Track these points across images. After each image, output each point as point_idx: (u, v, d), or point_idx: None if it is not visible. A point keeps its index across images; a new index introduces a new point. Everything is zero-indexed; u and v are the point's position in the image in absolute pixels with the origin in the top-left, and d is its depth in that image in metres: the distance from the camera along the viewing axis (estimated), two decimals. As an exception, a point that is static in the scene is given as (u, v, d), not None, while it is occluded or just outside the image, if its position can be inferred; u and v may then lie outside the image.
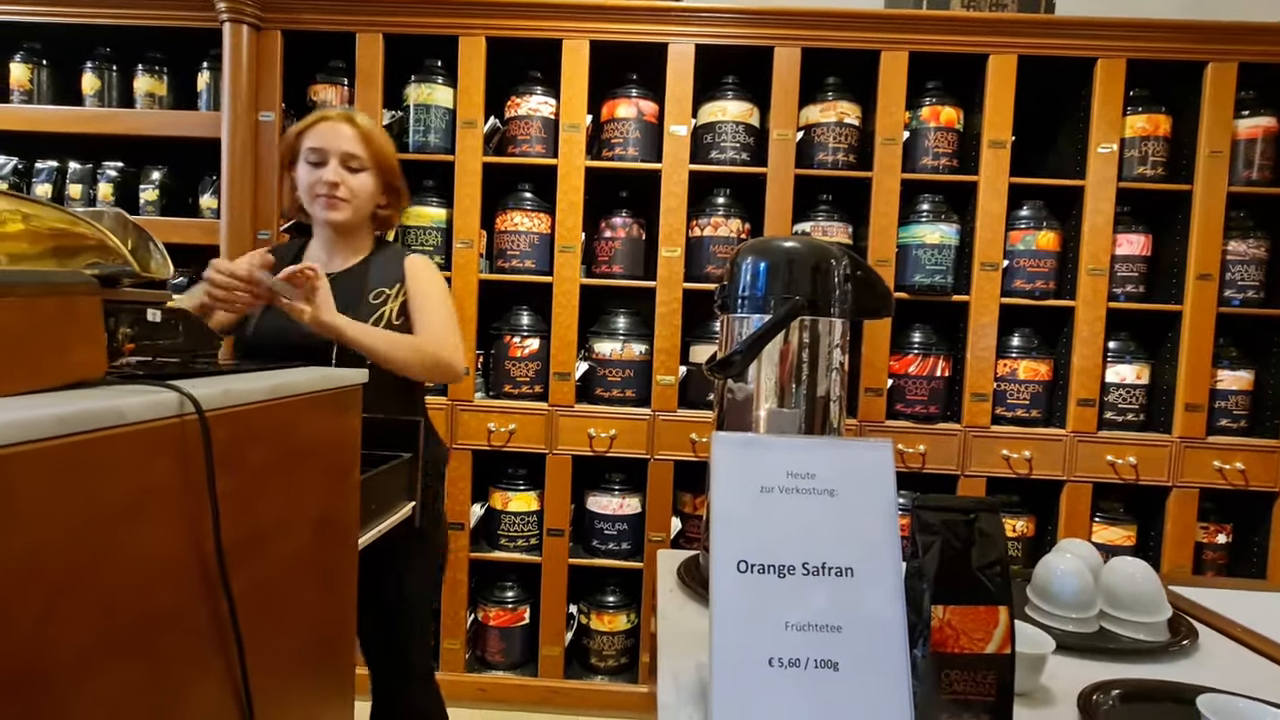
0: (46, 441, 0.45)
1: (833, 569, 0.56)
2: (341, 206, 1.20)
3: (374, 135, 1.22)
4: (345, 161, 1.19)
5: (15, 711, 0.43)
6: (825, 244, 0.79)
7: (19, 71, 1.97)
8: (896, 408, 1.97)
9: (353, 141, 1.20)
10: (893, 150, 1.91)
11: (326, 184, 1.18)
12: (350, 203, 1.20)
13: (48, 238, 0.64)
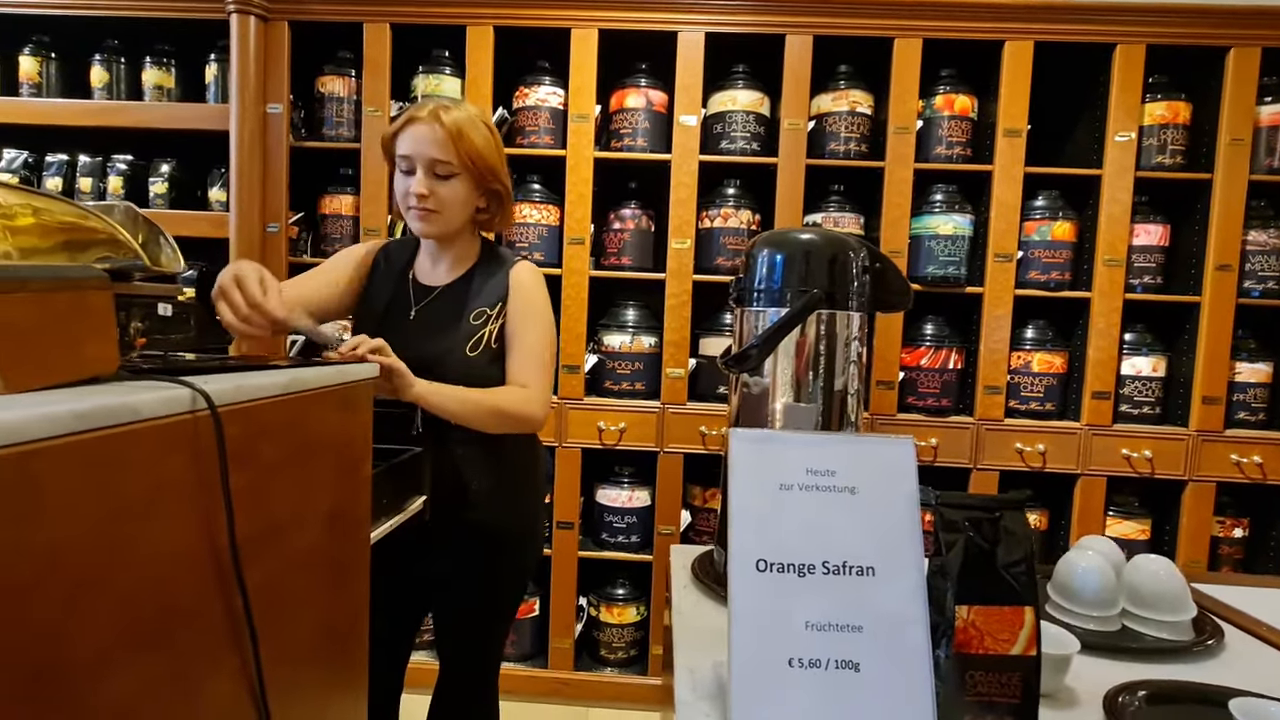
0: (65, 438, 0.44)
1: (853, 568, 0.55)
2: (432, 219, 1.10)
3: (464, 133, 1.07)
4: (433, 169, 1.08)
5: (37, 706, 0.43)
6: (843, 236, 0.77)
7: (28, 65, 1.96)
8: (908, 401, 1.95)
9: (440, 146, 1.07)
10: (906, 139, 1.88)
11: (415, 196, 1.08)
12: (440, 214, 1.10)
13: (58, 232, 0.63)
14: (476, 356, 1.12)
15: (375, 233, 1.94)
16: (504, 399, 1.10)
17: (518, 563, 1.24)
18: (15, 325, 0.48)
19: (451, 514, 1.14)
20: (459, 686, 1.24)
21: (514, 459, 1.18)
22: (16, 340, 0.48)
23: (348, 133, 1.97)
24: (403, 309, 1.16)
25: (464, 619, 1.23)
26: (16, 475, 0.41)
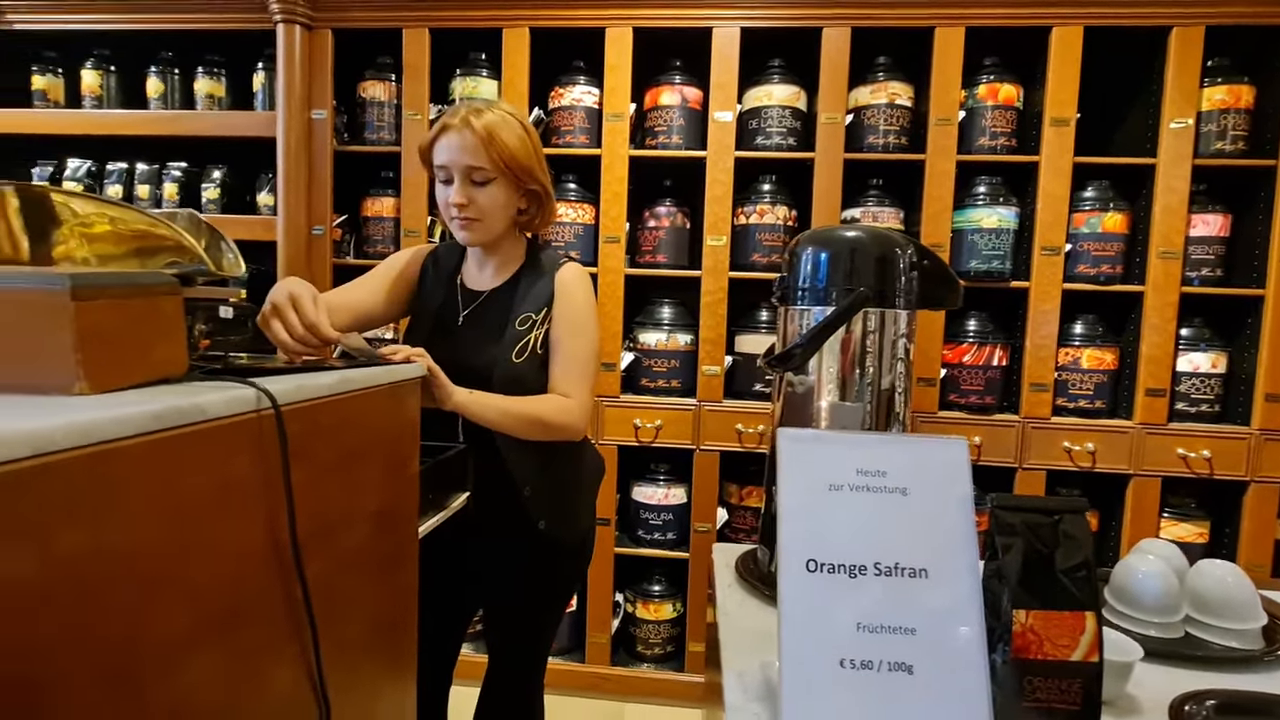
0: (140, 437, 0.47)
1: (905, 569, 0.54)
2: (473, 227, 1.10)
3: (496, 136, 1.06)
4: (469, 176, 1.07)
5: (116, 694, 0.46)
6: (889, 232, 0.76)
7: (90, 78, 2.06)
8: (950, 398, 1.91)
9: (474, 152, 1.05)
10: (947, 131, 1.84)
11: (454, 206, 1.08)
12: (481, 221, 1.09)
13: (130, 239, 0.66)
14: (522, 363, 1.12)
15: (415, 234, 1.98)
16: (544, 409, 1.10)
17: (568, 564, 1.25)
18: (97, 330, 0.51)
19: (501, 512, 1.15)
20: (506, 681, 1.27)
21: (564, 458, 1.19)
22: (99, 344, 0.51)
23: (388, 136, 2.02)
24: (451, 314, 1.17)
25: (512, 617, 1.25)
26: (99, 472, 0.44)
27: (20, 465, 0.38)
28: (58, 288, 0.48)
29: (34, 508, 0.39)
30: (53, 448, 0.40)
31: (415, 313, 1.23)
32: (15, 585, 0.38)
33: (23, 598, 0.39)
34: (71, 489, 0.42)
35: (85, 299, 0.49)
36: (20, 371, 0.50)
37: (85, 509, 0.43)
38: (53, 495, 0.40)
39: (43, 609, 0.40)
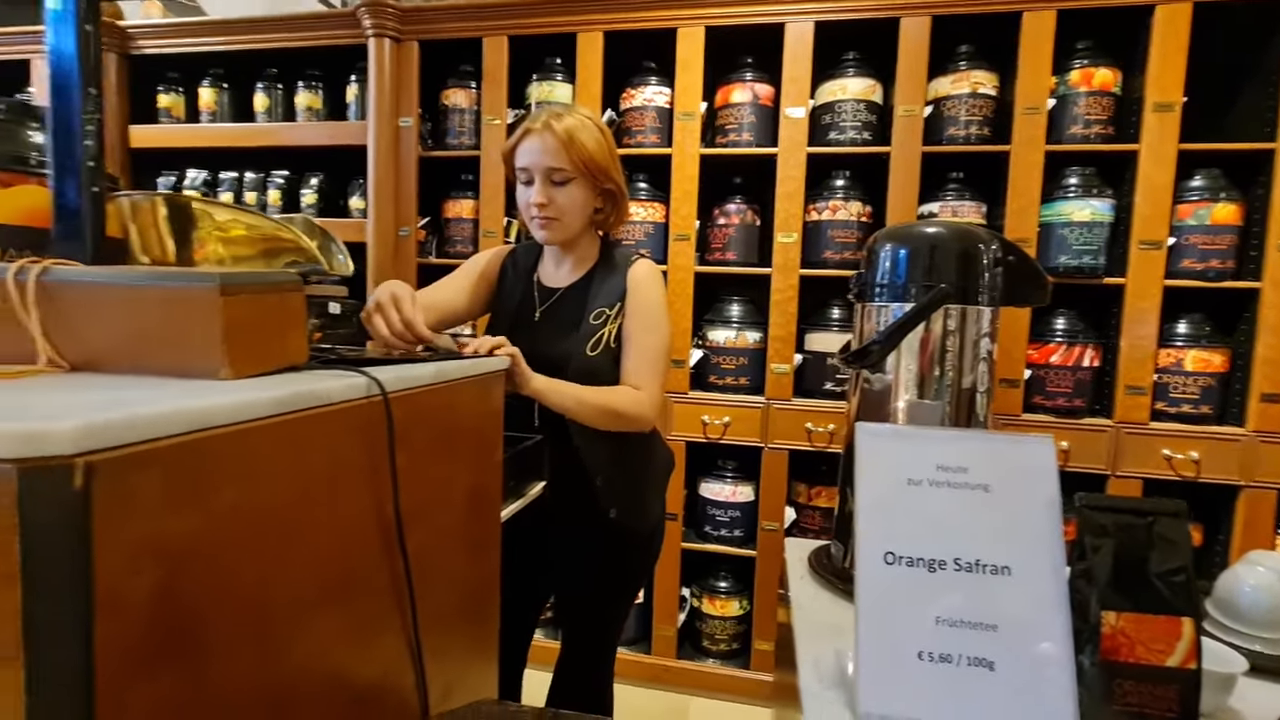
0: (275, 418, 0.53)
1: (987, 566, 0.54)
2: (553, 226, 1.15)
3: (575, 139, 1.11)
4: (550, 177, 1.12)
5: (256, 643, 0.52)
6: (972, 228, 0.74)
7: (207, 96, 2.26)
8: (1035, 400, 1.82)
9: (554, 154, 1.11)
10: (1035, 120, 1.76)
11: (535, 206, 1.13)
12: (560, 220, 1.14)
13: (259, 242, 0.74)
14: (597, 356, 1.16)
15: (493, 235, 2.07)
16: (617, 400, 1.13)
17: (638, 555, 1.28)
18: (239, 323, 0.57)
19: (574, 501, 1.20)
20: (577, 667, 1.31)
21: (635, 450, 1.22)
22: (240, 335, 0.57)
23: (468, 141, 2.11)
24: (529, 311, 1.23)
25: (582, 605, 1.29)
26: (244, 446, 0.50)
27: (187, 437, 0.44)
28: (209, 286, 0.55)
29: (197, 474, 0.45)
30: (211, 423, 0.46)
31: (494, 310, 1.29)
32: (182, 540, 0.44)
33: (187, 552, 0.45)
34: (224, 459, 0.48)
35: (231, 295, 0.56)
36: (175, 358, 0.57)
37: (233, 477, 0.49)
38: (210, 464, 0.47)
39: (202, 562, 0.46)
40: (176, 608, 0.44)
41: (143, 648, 0.42)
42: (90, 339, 0.58)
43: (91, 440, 0.38)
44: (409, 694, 0.76)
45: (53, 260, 0.60)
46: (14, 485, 0.36)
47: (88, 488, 0.38)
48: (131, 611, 0.41)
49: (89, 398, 0.46)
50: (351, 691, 0.65)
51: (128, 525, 0.40)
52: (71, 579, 0.38)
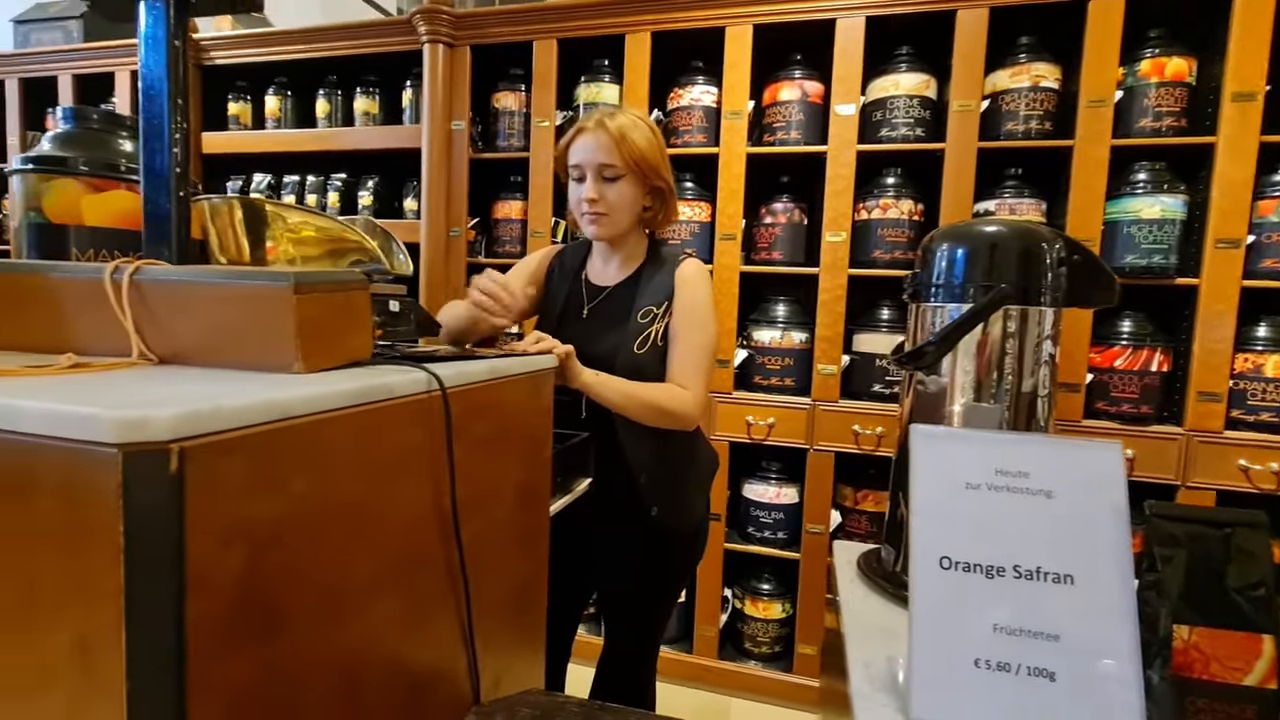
0: (346, 409, 0.55)
1: (1049, 574, 0.53)
2: (602, 222, 1.17)
3: (627, 136, 1.13)
4: (601, 173, 1.15)
5: (328, 620, 0.55)
6: (1035, 226, 0.72)
7: (272, 103, 2.37)
8: (1097, 406, 1.74)
9: (606, 150, 1.14)
10: (1100, 114, 1.68)
11: (586, 201, 1.16)
12: (610, 216, 1.17)
13: (327, 242, 0.78)
14: (643, 354, 1.17)
15: (540, 235, 2.10)
16: (663, 397, 1.14)
17: (680, 554, 1.29)
18: (310, 319, 0.60)
19: (617, 498, 1.21)
20: (619, 663, 1.33)
21: (678, 449, 1.23)
22: (312, 331, 0.61)
23: (518, 143, 2.15)
24: (576, 309, 1.25)
25: (625, 601, 1.31)
26: (318, 436, 0.53)
27: (268, 427, 0.47)
28: (284, 285, 0.58)
29: (276, 461, 0.48)
30: (289, 414, 0.49)
31: (542, 309, 1.31)
32: (262, 524, 0.47)
33: (267, 535, 0.48)
34: (300, 448, 0.51)
35: (303, 294, 0.59)
36: (251, 352, 0.60)
37: (308, 465, 0.52)
38: (288, 452, 0.49)
39: (280, 545, 0.49)
40: (257, 588, 0.47)
41: (228, 626, 0.44)
42: (176, 333, 0.62)
43: (186, 427, 0.41)
44: (461, 681, 0.79)
45: (144, 260, 0.64)
46: (119, 469, 0.39)
47: (181, 472, 0.41)
48: (218, 591, 0.44)
49: (180, 389, 0.49)
50: (409, 676, 0.68)
51: (216, 508, 0.43)
52: (167, 559, 0.41)
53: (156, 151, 0.66)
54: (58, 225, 0.85)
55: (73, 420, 0.40)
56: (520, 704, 0.80)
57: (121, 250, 0.87)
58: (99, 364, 0.58)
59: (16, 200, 0.87)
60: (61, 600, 0.41)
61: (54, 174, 0.85)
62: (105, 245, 0.87)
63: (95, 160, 0.86)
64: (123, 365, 0.59)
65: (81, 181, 0.85)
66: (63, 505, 0.41)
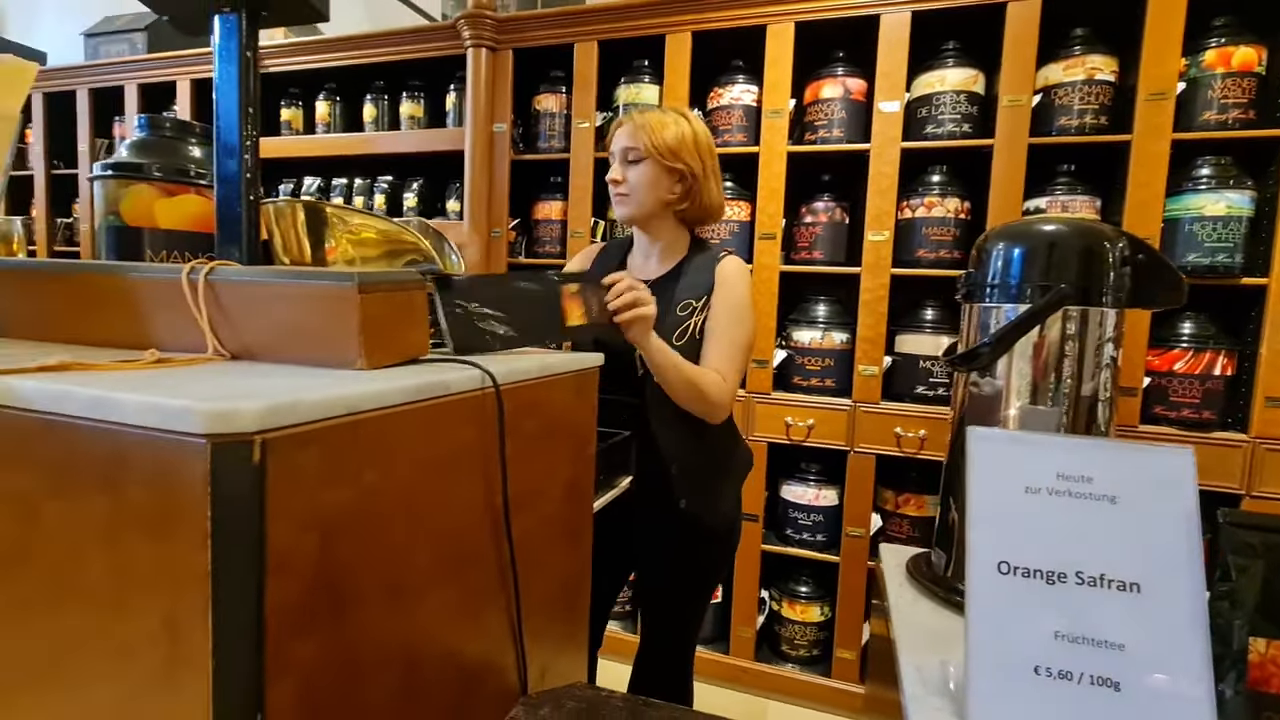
0: (408, 405, 0.57)
1: (1114, 582, 0.51)
2: (624, 201, 1.23)
3: (649, 124, 1.20)
4: (625, 156, 1.22)
5: (391, 608, 0.57)
6: (1096, 224, 0.70)
7: (322, 109, 2.44)
8: (1155, 411, 1.68)
9: (628, 135, 1.21)
10: (1161, 107, 1.62)
11: (611, 182, 1.23)
12: (631, 196, 1.22)
13: (384, 243, 0.80)
14: (680, 346, 1.18)
15: (580, 235, 2.12)
16: (705, 380, 1.16)
17: (711, 549, 1.29)
18: (373, 318, 0.63)
19: (650, 490, 1.23)
20: (656, 659, 1.34)
21: (712, 441, 1.24)
22: (373, 329, 0.63)
23: (558, 144, 2.18)
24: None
25: (659, 597, 1.32)
26: (383, 430, 0.55)
27: (340, 420, 0.49)
28: (348, 285, 0.60)
29: (347, 453, 0.50)
30: (359, 409, 0.51)
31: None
32: (334, 513, 0.49)
33: (338, 524, 0.50)
34: (367, 441, 0.53)
35: (367, 293, 0.61)
36: (317, 349, 0.63)
37: (375, 458, 0.54)
38: (357, 445, 0.51)
39: (349, 534, 0.51)
40: (328, 574, 0.49)
41: (302, 609, 0.47)
42: (245, 331, 0.65)
43: (268, 420, 0.43)
44: (509, 672, 0.80)
45: (218, 261, 0.68)
46: (207, 459, 0.41)
47: (263, 462, 0.43)
48: (294, 575, 0.46)
49: (257, 384, 0.51)
50: (461, 665, 0.70)
51: (293, 497, 0.45)
52: (250, 544, 0.43)
53: (229, 157, 0.69)
54: (133, 228, 0.90)
55: (166, 412, 0.42)
56: (566, 697, 0.81)
57: (191, 251, 0.92)
58: (180, 360, 0.61)
59: (96, 204, 0.92)
60: (152, 581, 0.44)
61: (131, 179, 0.89)
62: (176, 247, 0.92)
63: (168, 166, 0.91)
64: (200, 361, 0.63)
65: (155, 186, 0.90)
66: (154, 492, 0.44)
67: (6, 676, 0.51)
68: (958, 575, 0.74)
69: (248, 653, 0.43)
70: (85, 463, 0.46)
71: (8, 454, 0.48)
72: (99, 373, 0.53)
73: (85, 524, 0.46)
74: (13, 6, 3.71)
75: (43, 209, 2.88)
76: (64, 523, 0.47)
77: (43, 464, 0.47)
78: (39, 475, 0.47)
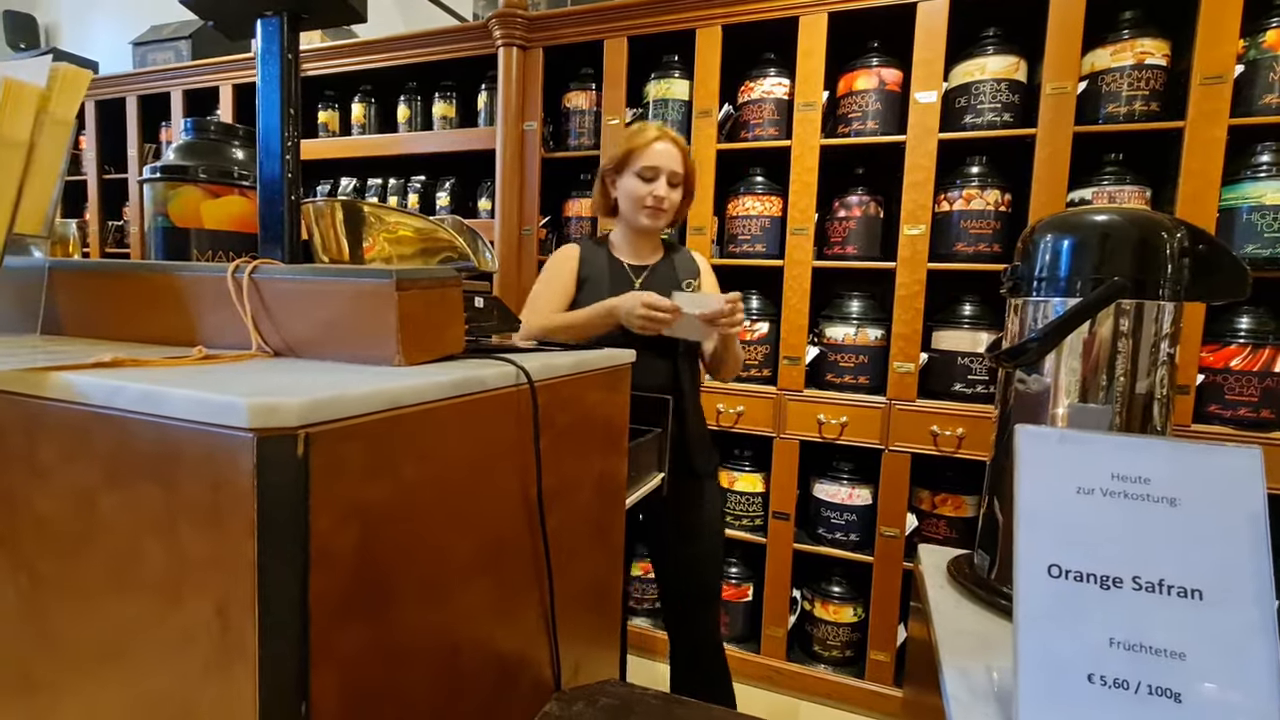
0: (447, 400, 0.58)
1: (1173, 588, 0.49)
2: (661, 217, 1.40)
3: (688, 153, 1.42)
4: (670, 180, 1.38)
5: (432, 598, 0.57)
6: (1152, 214, 0.67)
7: (357, 110, 2.49)
8: (1209, 409, 1.61)
9: (677, 161, 1.38)
10: (1217, 91, 1.54)
11: (655, 198, 1.37)
12: (668, 213, 1.41)
13: (420, 241, 0.81)
14: None
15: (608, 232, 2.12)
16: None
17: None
18: (408, 315, 0.63)
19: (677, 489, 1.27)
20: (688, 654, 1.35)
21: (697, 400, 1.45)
22: (409, 326, 0.63)
23: (588, 141, 2.18)
24: (626, 283, 1.43)
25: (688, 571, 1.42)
26: (423, 424, 0.55)
27: (382, 415, 0.50)
28: (386, 282, 0.61)
29: (388, 447, 0.51)
30: (400, 403, 0.51)
31: (587, 290, 1.43)
32: (375, 505, 0.50)
33: (379, 516, 0.50)
34: (408, 435, 0.53)
35: (404, 290, 0.62)
36: (356, 345, 0.64)
37: (414, 452, 0.54)
38: (398, 439, 0.52)
39: (390, 526, 0.52)
40: (369, 566, 0.50)
41: (344, 599, 0.47)
42: (287, 327, 0.67)
43: (311, 414, 0.44)
44: (544, 667, 0.81)
45: (261, 260, 0.69)
46: (254, 452, 0.42)
47: (307, 455, 0.44)
48: (337, 566, 0.46)
49: (300, 379, 0.52)
50: (497, 660, 0.70)
51: (335, 490, 0.46)
52: (294, 535, 0.44)
53: (271, 159, 0.70)
54: (181, 228, 0.93)
55: (214, 406, 0.43)
56: (600, 693, 0.81)
57: (235, 251, 0.94)
58: (226, 356, 0.63)
59: (146, 206, 0.95)
60: (202, 571, 0.45)
61: (178, 181, 0.92)
62: (221, 246, 0.94)
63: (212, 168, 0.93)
64: (245, 357, 0.64)
65: (201, 188, 0.93)
66: (203, 483, 0.45)
67: (69, 660, 0.53)
68: (1002, 578, 0.72)
69: (293, 641, 0.44)
70: (138, 455, 0.47)
71: (68, 447, 0.50)
72: (149, 368, 0.54)
73: (139, 514, 0.47)
74: (66, 18, 3.87)
75: (95, 212, 3.00)
76: (120, 512, 0.48)
77: (100, 456, 0.48)
78: (96, 467, 0.49)
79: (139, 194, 2.86)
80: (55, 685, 0.55)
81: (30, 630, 0.55)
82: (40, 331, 0.80)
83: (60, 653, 0.54)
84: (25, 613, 0.55)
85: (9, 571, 0.55)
